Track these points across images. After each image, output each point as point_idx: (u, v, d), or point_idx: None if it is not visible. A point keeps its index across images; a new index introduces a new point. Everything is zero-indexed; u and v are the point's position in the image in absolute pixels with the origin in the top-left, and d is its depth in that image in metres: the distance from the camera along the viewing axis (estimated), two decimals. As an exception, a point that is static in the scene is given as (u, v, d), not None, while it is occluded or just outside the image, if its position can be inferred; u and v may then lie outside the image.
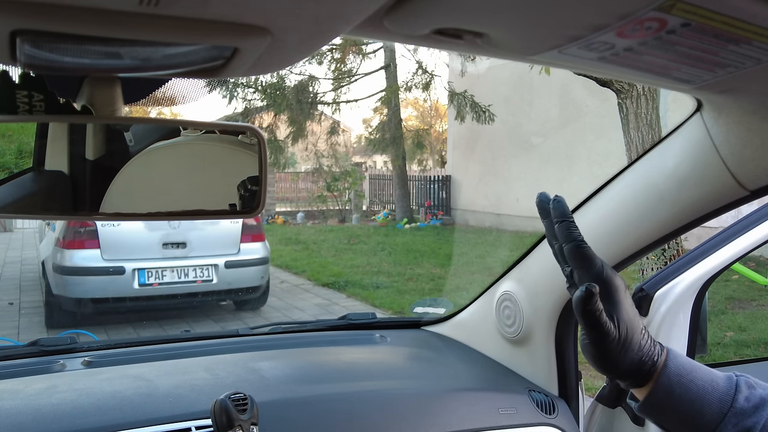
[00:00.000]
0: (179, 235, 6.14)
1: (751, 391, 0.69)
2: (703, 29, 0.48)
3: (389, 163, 18.12)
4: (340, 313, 3.50)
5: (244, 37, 0.45)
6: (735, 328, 5.45)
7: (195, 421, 1.04)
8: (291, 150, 16.89)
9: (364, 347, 1.55)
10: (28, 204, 0.78)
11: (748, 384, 0.70)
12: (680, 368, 0.71)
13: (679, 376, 0.70)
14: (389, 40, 0.54)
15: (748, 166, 0.79)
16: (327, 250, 11.02)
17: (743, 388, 0.69)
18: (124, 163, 0.74)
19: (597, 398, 1.28)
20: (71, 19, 0.41)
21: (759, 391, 0.69)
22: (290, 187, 19.08)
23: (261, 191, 0.77)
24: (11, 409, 1.05)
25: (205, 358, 1.36)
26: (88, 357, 1.33)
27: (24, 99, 0.65)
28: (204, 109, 69.05)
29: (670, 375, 0.70)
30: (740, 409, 0.68)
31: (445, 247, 11.21)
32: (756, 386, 0.70)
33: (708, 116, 0.81)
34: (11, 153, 0.74)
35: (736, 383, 0.70)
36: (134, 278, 5.91)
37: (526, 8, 0.47)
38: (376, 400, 1.20)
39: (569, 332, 1.26)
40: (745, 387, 0.69)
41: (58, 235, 5.95)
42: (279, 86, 13.86)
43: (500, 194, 13.67)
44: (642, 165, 0.99)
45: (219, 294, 6.53)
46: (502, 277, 1.36)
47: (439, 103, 25.45)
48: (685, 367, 0.71)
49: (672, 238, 0.99)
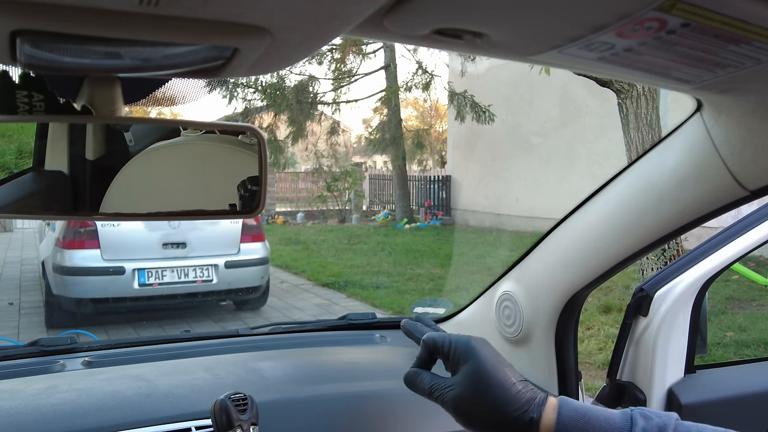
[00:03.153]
0: (179, 235, 6.14)
1: (647, 421, 0.68)
2: (703, 29, 0.48)
3: (389, 163, 18.13)
4: (340, 313, 3.50)
5: (244, 37, 0.45)
6: (735, 328, 5.45)
7: (195, 421, 1.04)
8: (291, 150, 16.90)
9: (364, 347, 1.55)
10: (28, 204, 0.78)
11: (644, 416, 0.69)
12: (573, 413, 0.70)
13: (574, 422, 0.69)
14: (389, 40, 0.54)
15: (748, 166, 0.79)
16: (327, 250, 11.03)
17: (639, 421, 0.68)
18: (124, 163, 0.74)
19: (597, 398, 1.28)
20: (71, 19, 0.41)
21: (655, 420, 0.69)
22: (290, 187, 19.08)
23: (261, 191, 0.77)
24: (11, 409, 1.05)
25: (205, 358, 1.36)
26: (88, 357, 1.33)
27: (24, 99, 0.65)
28: (204, 109, 69.01)
29: (565, 423, 0.70)
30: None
31: (445, 247, 11.22)
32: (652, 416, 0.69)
33: (708, 116, 0.81)
34: (11, 153, 0.74)
35: (631, 418, 0.69)
36: (134, 278, 5.91)
37: (526, 8, 0.47)
38: (376, 400, 1.20)
39: (569, 332, 1.26)
40: (640, 419, 0.69)
41: (58, 235, 5.95)
42: (279, 86, 13.86)
43: (500, 194, 13.67)
44: (642, 165, 0.99)
45: (219, 294, 6.53)
46: (502, 277, 1.36)
47: (439, 103, 25.48)
48: (578, 411, 0.71)
49: (672, 238, 0.99)
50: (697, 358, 1.32)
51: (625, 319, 1.28)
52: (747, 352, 4.82)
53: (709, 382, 1.31)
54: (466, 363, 0.75)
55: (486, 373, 0.74)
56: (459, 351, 0.77)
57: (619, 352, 1.28)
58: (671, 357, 1.25)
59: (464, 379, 0.75)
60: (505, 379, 0.73)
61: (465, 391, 0.74)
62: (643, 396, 1.24)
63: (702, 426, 0.69)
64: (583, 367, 4.28)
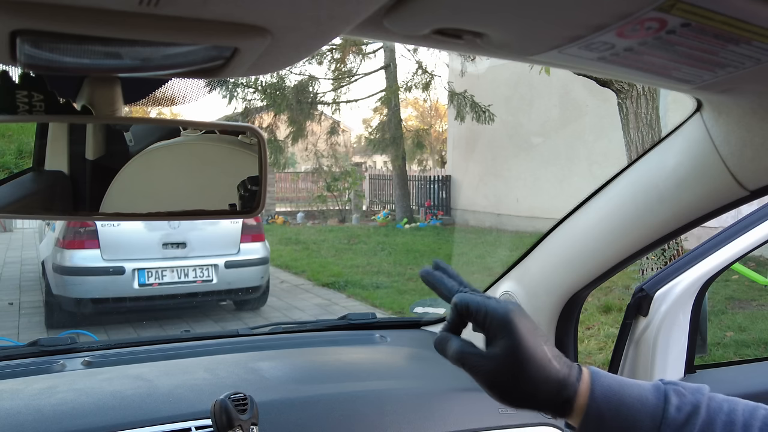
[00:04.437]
0: (179, 235, 6.14)
1: (681, 399, 0.67)
2: (703, 29, 0.48)
3: (389, 163, 18.12)
4: (340, 313, 3.50)
5: (244, 37, 0.45)
6: (735, 328, 5.45)
7: (195, 421, 1.04)
8: (291, 150, 16.89)
9: (364, 347, 1.55)
10: (28, 204, 0.78)
11: (677, 392, 0.68)
12: (607, 390, 0.69)
13: (607, 400, 0.68)
14: (389, 40, 0.54)
15: (748, 166, 0.79)
16: (327, 250, 11.02)
17: (672, 398, 0.68)
18: (124, 163, 0.74)
19: (597, 398, 1.28)
20: (71, 19, 0.41)
21: (689, 397, 0.68)
22: (290, 187, 19.08)
23: (261, 191, 0.77)
24: (11, 409, 1.05)
25: (205, 358, 1.36)
26: (88, 357, 1.33)
27: (24, 99, 0.65)
28: (204, 109, 69.07)
29: (598, 400, 0.68)
30: (672, 420, 0.66)
31: (445, 247, 11.21)
32: (685, 393, 0.68)
33: (708, 116, 0.81)
34: (11, 153, 0.74)
35: (664, 394, 0.68)
36: (134, 278, 5.91)
37: (526, 8, 0.47)
38: (376, 400, 1.20)
39: (569, 332, 1.26)
40: (674, 396, 0.68)
41: (58, 235, 5.95)
42: (279, 86, 13.86)
43: (500, 194, 13.67)
44: (642, 165, 0.99)
45: (219, 294, 6.53)
46: (502, 277, 1.36)
47: (439, 103, 25.46)
48: (612, 388, 0.69)
49: (672, 238, 0.99)
50: (697, 358, 1.32)
51: (625, 319, 1.28)
52: (747, 352, 4.82)
53: (709, 382, 1.30)
54: (504, 338, 0.71)
55: (526, 352, 0.70)
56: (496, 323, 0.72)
57: (619, 352, 1.28)
58: (671, 357, 1.25)
59: (502, 355, 0.70)
60: (543, 356, 0.70)
61: (502, 367, 0.70)
62: (643, 396, 1.24)
63: (734, 399, 0.69)
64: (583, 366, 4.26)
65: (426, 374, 1.37)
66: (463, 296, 0.77)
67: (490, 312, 0.73)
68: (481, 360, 0.72)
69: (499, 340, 0.71)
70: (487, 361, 0.72)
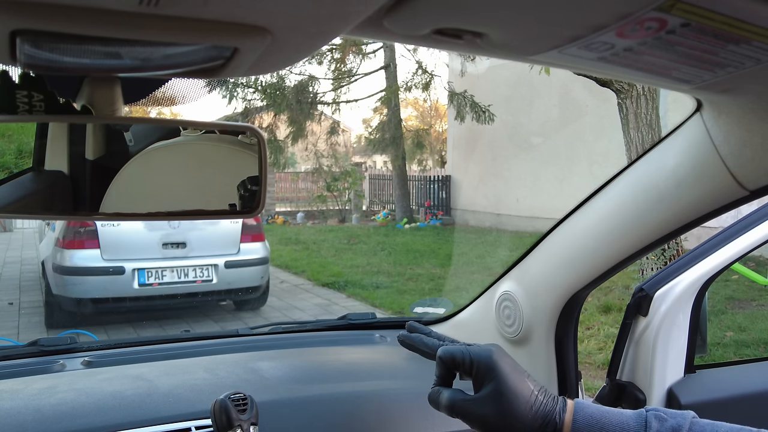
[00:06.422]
0: (179, 235, 6.14)
1: (661, 424, 0.69)
2: (703, 29, 0.48)
3: (389, 163, 18.12)
4: (340, 313, 3.50)
5: (244, 37, 0.45)
6: (735, 328, 5.45)
7: (195, 421, 1.04)
8: (291, 150, 16.90)
9: (364, 347, 1.55)
10: (28, 204, 0.78)
11: (659, 417, 0.70)
12: (589, 419, 0.72)
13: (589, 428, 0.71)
14: (389, 40, 0.54)
15: (748, 166, 0.79)
16: (327, 250, 11.02)
17: (653, 423, 0.70)
18: (124, 163, 0.74)
19: (597, 398, 1.28)
20: (71, 19, 0.41)
21: (670, 421, 0.70)
22: (290, 187, 19.09)
23: (261, 191, 0.77)
24: (11, 409, 1.05)
25: (205, 358, 1.36)
26: (88, 357, 1.33)
27: (24, 99, 0.65)
28: (204, 109, 69.06)
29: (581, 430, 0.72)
30: None
31: (445, 247, 11.21)
32: (667, 418, 0.70)
33: (708, 116, 0.81)
34: (11, 153, 0.74)
35: (645, 420, 0.70)
36: (134, 278, 5.91)
37: (526, 8, 0.47)
38: (376, 400, 1.20)
39: (569, 332, 1.26)
40: (655, 421, 0.70)
41: (58, 235, 5.95)
42: (279, 86, 13.86)
43: (500, 194, 13.67)
44: (642, 165, 0.99)
45: (219, 294, 6.53)
46: (502, 277, 1.36)
47: (439, 103, 25.46)
48: (594, 417, 0.72)
49: (672, 238, 0.99)
50: (697, 358, 1.32)
51: (625, 319, 1.28)
52: (747, 352, 4.82)
53: (709, 382, 1.31)
54: (491, 381, 0.76)
55: (511, 391, 0.75)
56: (482, 367, 0.77)
57: (618, 352, 1.28)
58: (671, 357, 1.25)
59: (490, 398, 0.76)
60: (528, 392, 0.75)
61: (492, 410, 0.75)
62: (642, 396, 1.24)
63: (717, 423, 0.70)
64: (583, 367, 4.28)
65: (426, 374, 1.37)
66: (446, 349, 0.83)
67: (474, 358, 0.78)
68: (471, 405, 0.77)
69: (487, 384, 0.77)
70: (478, 405, 0.77)
